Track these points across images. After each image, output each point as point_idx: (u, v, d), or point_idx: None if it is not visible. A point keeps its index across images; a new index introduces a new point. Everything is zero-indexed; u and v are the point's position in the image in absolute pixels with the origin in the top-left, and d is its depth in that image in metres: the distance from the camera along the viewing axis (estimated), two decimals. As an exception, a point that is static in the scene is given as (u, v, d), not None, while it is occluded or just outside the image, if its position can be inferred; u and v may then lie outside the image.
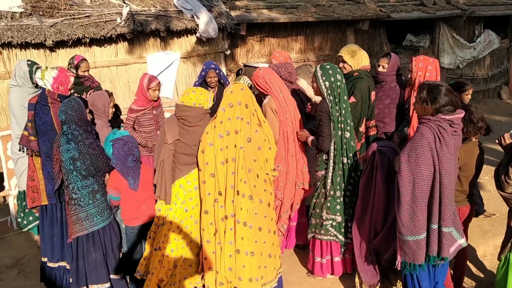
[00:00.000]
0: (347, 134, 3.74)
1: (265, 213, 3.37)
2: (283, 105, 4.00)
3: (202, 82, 5.04)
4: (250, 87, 4.38)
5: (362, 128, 4.40)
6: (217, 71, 5.02)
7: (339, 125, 3.70)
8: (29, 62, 4.28)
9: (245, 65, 7.62)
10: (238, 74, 6.89)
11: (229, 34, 6.91)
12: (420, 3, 9.35)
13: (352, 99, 4.31)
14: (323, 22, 8.12)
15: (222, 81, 5.11)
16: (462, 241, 3.09)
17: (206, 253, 3.41)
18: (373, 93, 4.50)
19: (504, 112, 9.69)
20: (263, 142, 3.32)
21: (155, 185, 3.61)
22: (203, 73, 5.03)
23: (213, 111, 3.72)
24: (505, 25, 10.81)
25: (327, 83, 3.68)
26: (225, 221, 3.28)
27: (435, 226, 2.97)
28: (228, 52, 6.96)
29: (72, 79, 4.01)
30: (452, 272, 3.76)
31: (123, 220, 3.66)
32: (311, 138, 3.93)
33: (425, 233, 2.98)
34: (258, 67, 7.04)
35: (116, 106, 4.51)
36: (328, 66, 3.75)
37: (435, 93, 2.99)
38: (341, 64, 4.56)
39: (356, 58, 4.48)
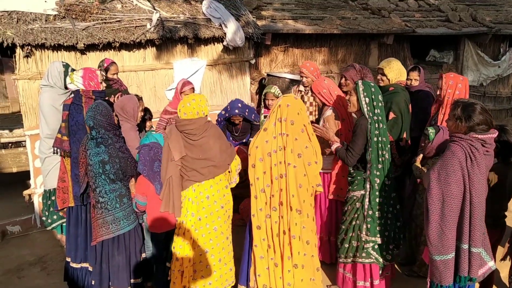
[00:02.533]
0: (386, 155, 3.62)
1: (312, 227, 3.40)
2: (345, 118, 4.03)
3: (225, 120, 5.04)
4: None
5: (402, 143, 4.38)
6: (241, 115, 4.89)
7: (379, 145, 3.57)
8: (64, 63, 4.39)
9: (268, 75, 7.66)
10: (260, 83, 6.94)
11: (254, 43, 6.97)
12: (445, 19, 9.31)
13: (392, 115, 4.35)
14: (347, 35, 8.13)
15: (247, 118, 5.05)
16: (491, 264, 3.05)
17: (259, 270, 3.37)
18: (409, 106, 4.54)
19: (527, 132, 9.54)
20: (312, 156, 3.31)
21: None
22: (226, 115, 4.86)
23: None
24: (531, 44, 10.68)
25: (367, 99, 3.57)
26: (282, 236, 3.29)
27: (465, 246, 2.93)
28: (253, 61, 7.01)
29: (98, 72, 4.12)
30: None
31: (150, 227, 3.67)
32: (337, 145, 3.81)
33: (453, 253, 2.95)
34: (281, 77, 7.11)
35: (147, 110, 4.59)
36: (372, 84, 3.65)
37: (470, 111, 2.96)
38: (379, 76, 4.61)
39: (396, 72, 4.53)
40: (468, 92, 4.27)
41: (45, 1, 5.74)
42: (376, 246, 3.69)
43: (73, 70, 4.36)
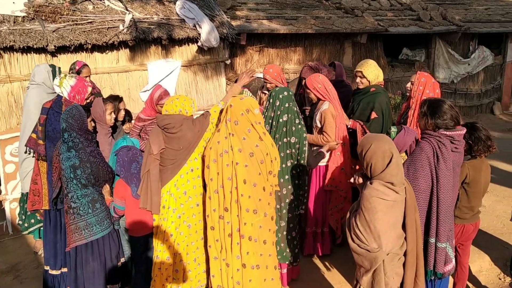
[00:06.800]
0: (288, 163, 3.86)
1: (269, 226, 3.37)
2: (339, 112, 4.25)
3: None
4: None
5: None
6: None
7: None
8: (50, 64, 4.42)
9: (244, 75, 7.67)
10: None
11: (229, 43, 6.96)
12: (417, 18, 9.50)
13: (374, 115, 4.44)
14: (321, 34, 8.21)
15: None
16: (454, 261, 3.15)
17: (213, 271, 3.38)
18: (390, 107, 4.67)
19: (497, 128, 9.83)
20: (265, 156, 3.30)
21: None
22: None
23: None
24: (499, 42, 11.00)
25: (268, 102, 3.87)
26: (231, 236, 3.28)
27: (432, 240, 3.03)
28: (228, 62, 7.00)
29: (89, 89, 4.04)
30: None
31: (128, 230, 3.65)
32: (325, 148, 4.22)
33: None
34: (258, 77, 7.13)
35: (126, 111, 4.53)
36: (276, 89, 3.89)
37: (435, 108, 3.05)
38: (358, 79, 4.65)
39: (374, 72, 4.59)
40: (439, 95, 4.36)
41: (13, 3, 5.60)
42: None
43: (59, 70, 4.36)
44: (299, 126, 3.87)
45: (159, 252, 3.54)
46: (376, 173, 2.57)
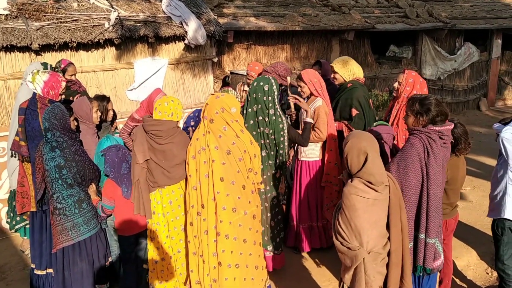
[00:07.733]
0: (263, 153, 3.89)
1: (250, 225, 3.33)
2: (330, 109, 4.33)
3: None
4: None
5: None
6: None
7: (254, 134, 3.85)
8: (42, 63, 4.42)
9: (231, 73, 7.63)
10: (224, 81, 6.91)
11: (217, 41, 6.92)
12: (403, 15, 9.54)
13: (354, 111, 4.41)
14: (309, 32, 8.21)
15: None
16: (442, 256, 3.17)
17: (192, 266, 3.39)
18: (369, 101, 4.59)
19: (483, 124, 9.93)
20: (243, 153, 3.27)
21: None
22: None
23: None
24: (485, 39, 11.11)
25: (249, 94, 3.88)
26: (208, 233, 3.26)
27: (422, 236, 3.04)
28: (215, 60, 6.96)
29: (63, 84, 3.99)
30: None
31: (118, 230, 3.61)
32: (309, 120, 4.22)
33: (411, 244, 3.04)
34: (245, 75, 7.09)
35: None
36: (258, 79, 3.90)
37: (427, 104, 3.05)
38: (332, 75, 4.64)
39: (347, 68, 4.53)
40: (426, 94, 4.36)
41: (-4, 0, 5.51)
42: None
43: (51, 66, 4.37)
44: (273, 118, 3.82)
45: (157, 257, 3.55)
46: (353, 170, 2.58)
